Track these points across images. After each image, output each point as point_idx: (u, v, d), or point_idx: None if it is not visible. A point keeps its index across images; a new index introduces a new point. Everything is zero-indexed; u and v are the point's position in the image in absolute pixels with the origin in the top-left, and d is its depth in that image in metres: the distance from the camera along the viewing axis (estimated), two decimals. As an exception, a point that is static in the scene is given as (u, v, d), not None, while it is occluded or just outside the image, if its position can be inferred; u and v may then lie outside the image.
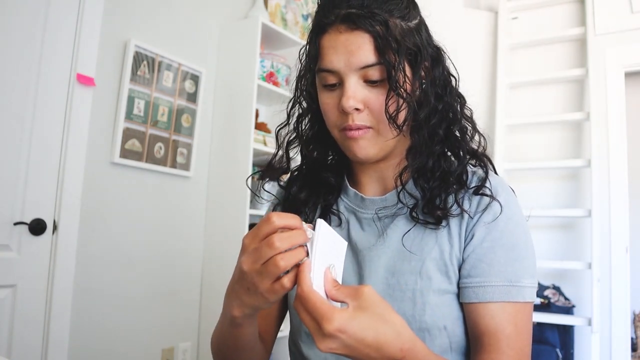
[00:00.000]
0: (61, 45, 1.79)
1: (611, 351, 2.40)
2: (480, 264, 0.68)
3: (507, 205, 0.70)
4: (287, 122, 0.82)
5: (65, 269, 1.79)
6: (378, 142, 0.71)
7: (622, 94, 2.57)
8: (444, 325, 0.68)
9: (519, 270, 0.68)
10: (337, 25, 0.68)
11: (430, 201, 0.71)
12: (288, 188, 0.83)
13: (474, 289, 0.68)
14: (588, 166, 2.48)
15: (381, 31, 0.66)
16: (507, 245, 0.69)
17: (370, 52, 0.66)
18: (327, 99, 0.71)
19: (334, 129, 0.72)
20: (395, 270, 0.71)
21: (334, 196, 0.81)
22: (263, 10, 2.53)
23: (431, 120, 0.72)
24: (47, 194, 1.76)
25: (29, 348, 1.69)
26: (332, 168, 0.82)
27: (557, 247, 2.65)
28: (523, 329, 0.67)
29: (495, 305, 0.66)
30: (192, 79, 2.29)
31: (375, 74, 0.67)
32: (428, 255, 0.70)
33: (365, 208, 0.77)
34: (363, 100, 0.68)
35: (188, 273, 2.30)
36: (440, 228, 0.71)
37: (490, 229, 0.69)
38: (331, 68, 0.68)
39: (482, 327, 0.67)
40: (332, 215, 0.80)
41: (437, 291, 0.68)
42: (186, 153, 2.27)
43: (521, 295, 0.67)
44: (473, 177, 0.74)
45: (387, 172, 0.77)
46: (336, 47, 0.68)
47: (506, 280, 0.67)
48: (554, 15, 2.83)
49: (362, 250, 0.74)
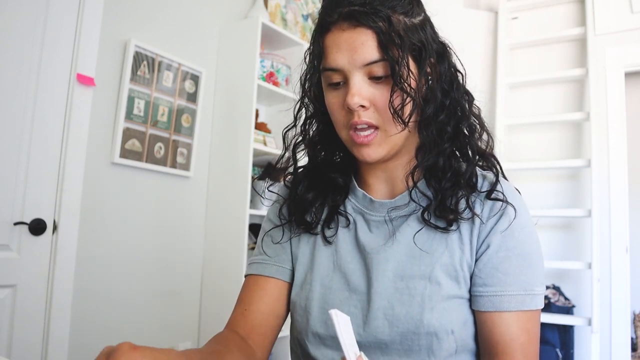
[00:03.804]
0: (61, 45, 1.79)
1: (611, 351, 2.40)
2: (496, 273, 0.69)
3: (519, 212, 0.70)
4: (294, 124, 0.81)
5: (65, 269, 1.79)
6: (386, 143, 0.70)
7: (622, 94, 2.57)
8: (452, 330, 0.68)
9: (532, 278, 0.69)
10: (339, 23, 0.67)
11: (442, 203, 0.71)
12: (293, 187, 0.82)
13: (490, 298, 0.68)
14: (588, 166, 2.48)
15: (384, 27, 0.65)
16: (521, 254, 0.69)
17: (373, 48, 0.66)
18: (332, 98, 0.71)
19: (342, 129, 0.72)
20: (404, 275, 0.71)
21: (341, 197, 0.80)
22: (263, 10, 2.53)
23: (439, 117, 0.71)
24: (47, 194, 1.76)
25: (29, 348, 1.69)
26: (339, 168, 0.81)
27: (557, 247, 2.65)
28: (534, 335, 0.69)
29: (511, 315, 0.67)
30: (192, 79, 2.29)
31: (379, 71, 0.67)
32: (438, 260, 0.70)
33: (374, 210, 0.77)
34: (368, 97, 0.67)
35: (188, 273, 2.30)
36: (450, 232, 0.71)
37: (505, 238, 0.69)
38: (335, 66, 0.68)
39: (496, 336, 0.67)
40: (339, 216, 0.79)
41: (446, 296, 0.68)
42: (186, 153, 2.27)
43: (534, 303, 0.68)
44: (484, 182, 0.74)
45: (396, 172, 0.76)
46: (339, 45, 0.67)
47: (521, 290, 0.68)
48: (554, 15, 2.83)
49: (370, 252, 0.74)
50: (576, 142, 2.71)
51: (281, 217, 0.82)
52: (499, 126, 2.69)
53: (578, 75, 2.64)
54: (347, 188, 0.80)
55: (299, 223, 0.79)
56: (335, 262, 0.76)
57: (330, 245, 0.78)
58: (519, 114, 2.81)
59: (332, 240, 0.78)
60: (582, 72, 2.61)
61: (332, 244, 0.78)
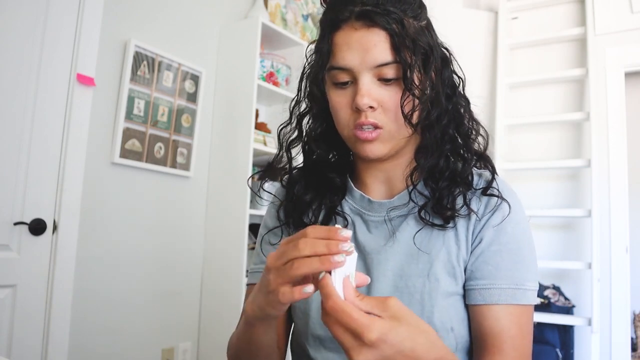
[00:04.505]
0: (61, 45, 1.79)
1: (611, 351, 2.40)
2: (487, 267, 0.69)
3: (513, 208, 0.71)
4: (289, 121, 0.80)
5: (65, 269, 1.79)
6: (389, 142, 0.70)
7: (622, 94, 2.57)
8: (451, 327, 0.68)
9: (524, 273, 0.69)
10: (352, 22, 0.67)
11: (439, 201, 0.71)
12: (290, 187, 0.81)
13: (480, 291, 0.68)
14: (588, 166, 2.48)
15: (397, 29, 0.65)
16: (513, 249, 0.69)
17: (386, 50, 0.65)
18: (338, 97, 0.70)
19: (345, 128, 0.71)
20: (403, 273, 0.71)
21: (339, 197, 0.79)
22: (263, 10, 2.53)
23: (442, 120, 0.71)
24: (47, 194, 1.76)
25: (29, 348, 1.69)
26: (335, 168, 0.80)
27: (557, 247, 2.65)
28: (526, 331, 0.68)
29: (501, 308, 0.67)
30: (192, 79, 2.29)
31: (389, 73, 0.66)
32: (436, 257, 0.70)
33: (373, 211, 0.76)
34: (377, 98, 0.67)
35: (188, 273, 2.30)
36: (447, 229, 0.71)
37: (498, 233, 0.70)
38: (344, 65, 0.67)
39: (486, 329, 0.67)
40: (337, 217, 0.78)
41: (445, 293, 0.69)
42: (186, 153, 2.27)
43: (525, 298, 0.68)
44: (480, 179, 0.74)
45: (394, 172, 0.76)
46: (350, 44, 0.66)
47: (512, 283, 0.68)
48: (554, 15, 2.83)
49: (371, 253, 0.74)
50: (576, 142, 2.71)
51: (279, 218, 0.81)
52: (499, 126, 2.69)
53: (578, 75, 2.64)
54: (344, 188, 0.80)
55: (297, 225, 0.79)
56: None
57: None
58: (519, 114, 2.81)
59: None
60: (582, 72, 2.61)
61: None
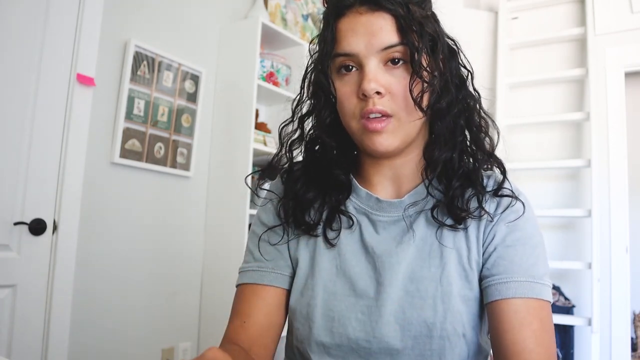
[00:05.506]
0: (61, 45, 1.79)
1: (611, 351, 2.40)
2: (502, 262, 0.67)
3: (526, 208, 0.70)
4: (292, 119, 0.77)
5: (65, 269, 1.79)
6: (400, 132, 0.67)
7: (622, 94, 2.57)
8: (463, 333, 0.66)
9: (539, 268, 0.67)
10: (356, 7, 0.66)
11: (452, 201, 0.69)
12: (289, 184, 0.77)
13: (496, 286, 0.66)
14: (588, 166, 2.48)
15: (403, 12, 0.64)
16: (528, 245, 0.68)
17: (392, 32, 0.65)
18: (343, 86, 0.68)
19: (352, 119, 0.68)
20: (415, 277, 0.68)
21: (344, 196, 0.75)
22: (263, 10, 2.53)
23: (453, 110, 0.70)
24: (47, 194, 1.76)
25: (29, 348, 1.69)
26: (339, 165, 0.76)
27: (557, 247, 2.65)
28: (548, 325, 0.65)
29: (520, 301, 0.64)
30: (192, 79, 2.29)
31: (397, 55, 0.65)
32: (448, 260, 0.68)
33: (382, 211, 0.73)
34: (384, 84, 0.65)
35: (188, 273, 2.30)
36: (459, 230, 0.69)
37: (511, 229, 0.68)
38: (350, 51, 0.66)
39: (505, 325, 0.64)
40: (341, 216, 0.74)
41: (458, 297, 0.67)
42: (186, 153, 2.27)
43: (544, 292, 0.66)
44: (489, 180, 0.73)
45: (403, 170, 0.73)
46: (356, 29, 0.65)
47: (529, 277, 0.66)
48: (554, 15, 2.83)
49: (381, 255, 0.70)
50: (576, 142, 2.71)
51: (280, 216, 0.77)
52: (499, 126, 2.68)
53: (578, 75, 2.64)
54: (349, 186, 0.76)
55: (299, 224, 0.75)
56: (339, 266, 0.72)
57: (333, 248, 0.73)
58: (519, 114, 2.81)
59: (334, 243, 0.73)
60: (582, 72, 2.60)
61: (334, 246, 0.73)
